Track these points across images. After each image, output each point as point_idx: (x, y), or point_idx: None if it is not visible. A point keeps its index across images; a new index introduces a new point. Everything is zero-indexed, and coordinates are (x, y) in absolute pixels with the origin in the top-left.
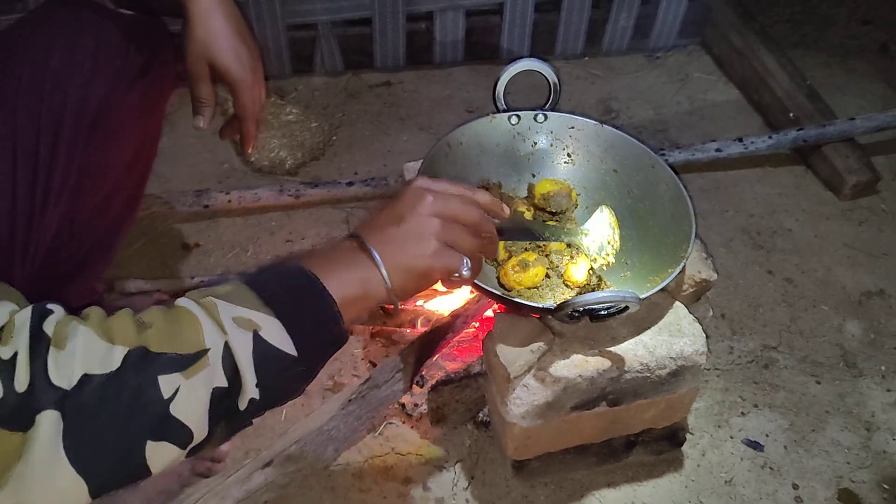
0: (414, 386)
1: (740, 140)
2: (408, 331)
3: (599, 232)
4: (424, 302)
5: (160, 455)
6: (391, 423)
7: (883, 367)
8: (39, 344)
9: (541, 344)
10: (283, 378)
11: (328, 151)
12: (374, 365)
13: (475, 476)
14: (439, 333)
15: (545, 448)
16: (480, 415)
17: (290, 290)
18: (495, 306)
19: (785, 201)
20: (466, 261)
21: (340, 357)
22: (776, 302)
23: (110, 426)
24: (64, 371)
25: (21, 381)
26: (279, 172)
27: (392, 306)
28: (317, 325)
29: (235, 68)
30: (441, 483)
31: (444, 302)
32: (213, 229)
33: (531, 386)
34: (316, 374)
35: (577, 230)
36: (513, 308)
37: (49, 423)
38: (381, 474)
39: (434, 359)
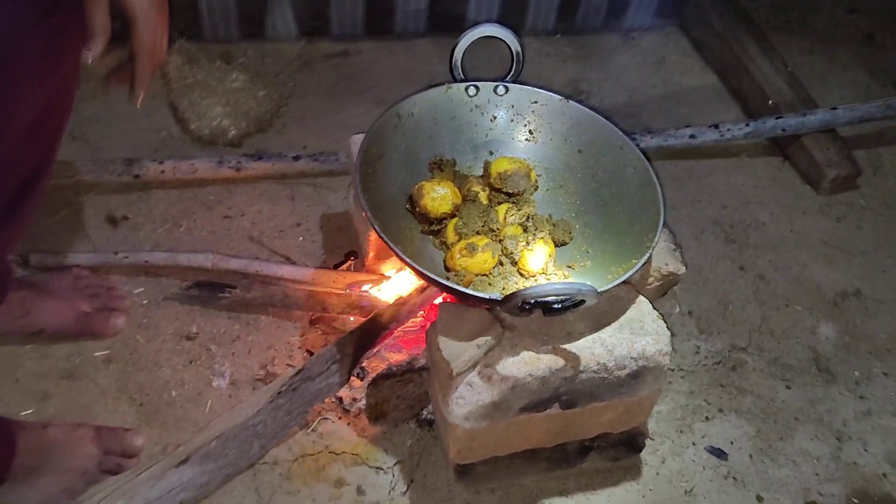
0: (353, 378)
1: (716, 127)
2: (350, 318)
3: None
4: (369, 288)
5: None
6: (326, 418)
7: (857, 373)
8: None
9: (488, 338)
10: None
11: (276, 123)
12: (312, 354)
13: (415, 479)
14: (382, 322)
15: (491, 452)
16: (424, 412)
17: None
18: (444, 294)
19: (760, 193)
20: None
21: (275, 345)
22: (747, 300)
23: None
24: None
25: None
26: (221, 143)
27: None
28: None
29: (138, 1)
30: (377, 486)
31: (390, 288)
32: (143, 202)
33: (476, 384)
34: None
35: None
36: (458, 297)
37: None
38: (312, 475)
39: (376, 349)
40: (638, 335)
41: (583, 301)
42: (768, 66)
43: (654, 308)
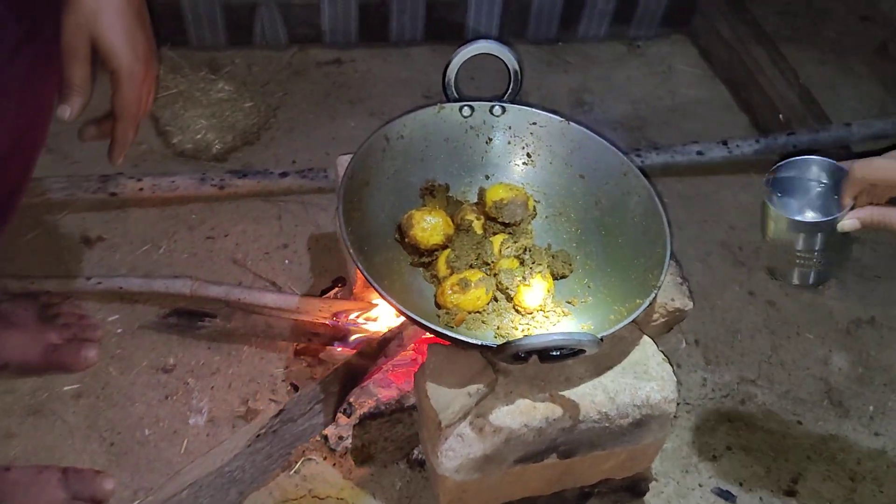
0: (340, 416)
1: (724, 143)
2: (338, 349)
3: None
4: (357, 318)
5: None
6: (311, 459)
7: (871, 407)
8: None
9: (480, 386)
10: None
11: (264, 136)
12: (296, 388)
13: None
14: (370, 356)
15: (484, 502)
16: (415, 452)
17: None
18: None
19: None
20: None
21: (257, 378)
22: (756, 328)
23: None
24: None
25: None
26: (204, 157)
27: None
28: None
29: (124, 53)
30: None
31: (379, 321)
32: (120, 221)
33: (466, 436)
34: None
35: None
36: (448, 341)
37: None
38: None
39: (364, 385)
40: (642, 380)
41: (582, 350)
42: (779, 77)
43: (658, 350)
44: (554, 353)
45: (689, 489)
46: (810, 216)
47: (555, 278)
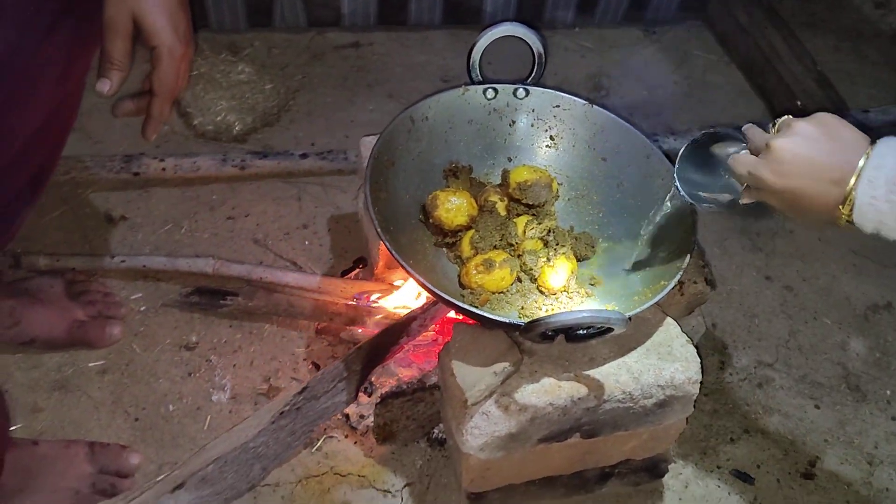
0: (361, 394)
1: (740, 129)
2: (358, 329)
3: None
4: (378, 298)
5: None
6: (332, 437)
7: (888, 392)
8: None
9: (506, 364)
10: None
11: (284, 118)
12: (318, 367)
13: (425, 503)
14: (392, 336)
15: (506, 480)
16: (435, 431)
17: None
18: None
19: None
20: None
21: (279, 356)
22: (774, 312)
23: None
24: None
25: None
26: (225, 139)
27: None
28: None
29: (167, 31)
30: None
31: (400, 300)
32: (143, 200)
33: (492, 414)
34: None
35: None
36: (474, 319)
37: None
38: (316, 498)
39: (386, 364)
40: (666, 361)
41: (610, 329)
42: (796, 63)
43: (682, 332)
44: (581, 333)
45: (707, 471)
46: (708, 196)
47: (578, 260)
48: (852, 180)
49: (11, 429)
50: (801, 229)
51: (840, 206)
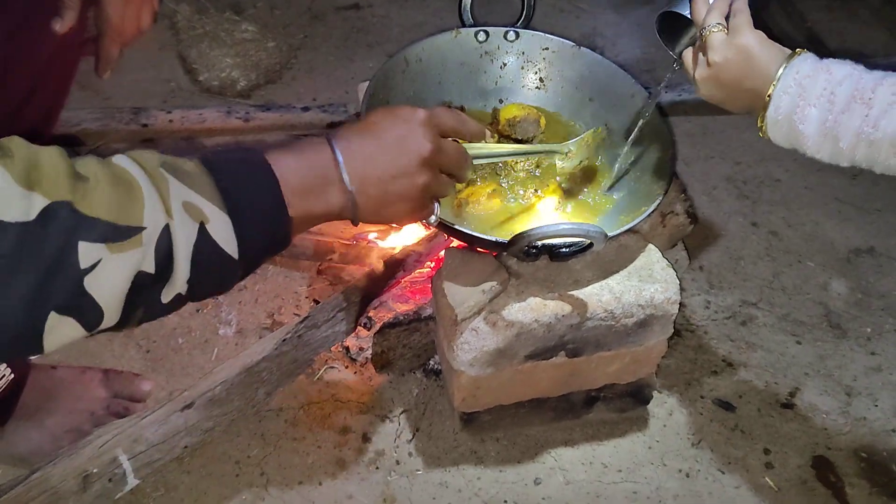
0: (359, 328)
1: None
2: (356, 268)
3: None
4: (375, 237)
5: (61, 331)
6: (332, 367)
7: (868, 329)
8: None
9: (494, 283)
10: (217, 277)
11: (286, 75)
12: (318, 304)
13: (420, 428)
14: (389, 271)
15: (497, 400)
16: (431, 362)
17: (248, 187)
18: (455, 244)
19: (775, 150)
20: (437, 209)
21: (282, 294)
22: (759, 256)
23: (12, 284)
24: None
25: None
26: (230, 94)
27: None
28: (265, 228)
29: None
30: (383, 434)
31: (396, 238)
32: None
33: (481, 330)
34: (248, 276)
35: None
36: (464, 240)
37: None
38: (318, 422)
39: (383, 299)
40: (646, 283)
41: (591, 245)
42: (786, 20)
43: (663, 256)
44: (563, 251)
45: (690, 400)
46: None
47: (564, 193)
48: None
49: (31, 358)
50: (787, 178)
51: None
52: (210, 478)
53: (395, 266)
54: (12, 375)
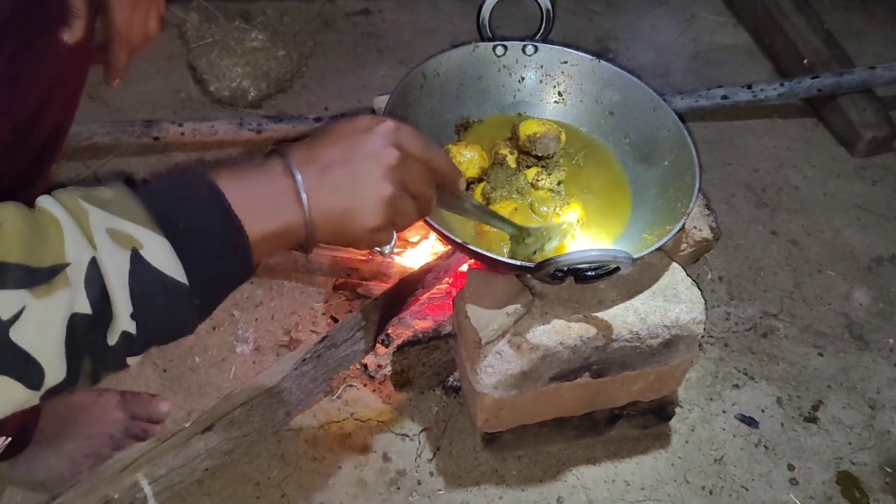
0: (378, 345)
1: (749, 87)
2: (373, 284)
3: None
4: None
5: (1, 394)
6: (351, 385)
7: (891, 340)
8: None
9: (518, 306)
10: (169, 310)
11: (297, 83)
12: (336, 321)
13: (441, 447)
14: (408, 288)
15: (519, 420)
16: (450, 379)
17: (187, 206)
18: (471, 261)
19: (793, 156)
20: (394, 240)
21: (298, 311)
22: (779, 265)
23: None
24: None
25: None
26: (241, 104)
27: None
28: (215, 247)
29: None
30: (404, 453)
31: (415, 254)
32: (163, 164)
33: (505, 353)
34: (212, 309)
35: (550, 228)
36: (487, 264)
37: None
38: (338, 442)
39: (401, 316)
40: (671, 303)
41: (617, 269)
42: (803, 23)
43: (687, 275)
44: (589, 273)
45: (713, 415)
46: None
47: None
48: None
49: None
50: (806, 185)
51: None
52: (231, 500)
53: (414, 283)
54: (9, 440)
